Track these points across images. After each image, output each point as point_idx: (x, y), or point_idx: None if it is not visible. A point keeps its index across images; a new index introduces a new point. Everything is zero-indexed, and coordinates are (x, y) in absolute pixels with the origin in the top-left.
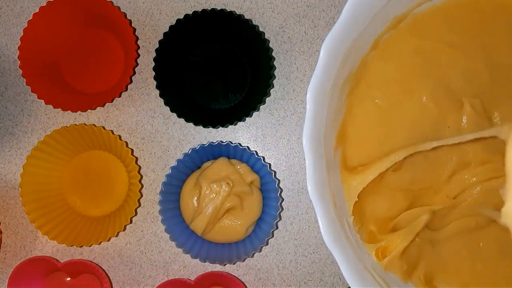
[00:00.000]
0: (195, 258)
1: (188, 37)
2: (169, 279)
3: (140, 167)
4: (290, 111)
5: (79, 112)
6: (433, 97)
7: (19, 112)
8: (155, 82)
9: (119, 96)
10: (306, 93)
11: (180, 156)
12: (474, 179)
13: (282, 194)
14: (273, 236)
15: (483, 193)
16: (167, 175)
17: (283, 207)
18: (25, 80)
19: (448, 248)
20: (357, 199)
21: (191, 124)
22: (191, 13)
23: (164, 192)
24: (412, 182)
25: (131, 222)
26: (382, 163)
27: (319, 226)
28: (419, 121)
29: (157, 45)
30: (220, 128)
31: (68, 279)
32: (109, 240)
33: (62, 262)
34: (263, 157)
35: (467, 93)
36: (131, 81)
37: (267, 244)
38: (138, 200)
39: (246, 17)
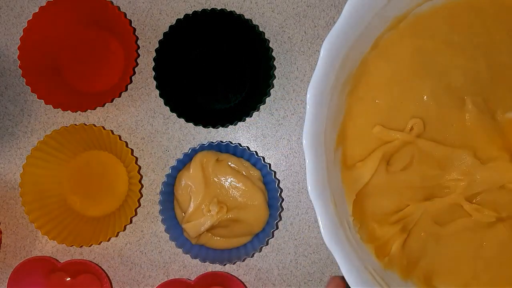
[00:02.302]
0: (195, 258)
1: (188, 37)
2: (169, 279)
3: (140, 167)
4: (290, 111)
5: (79, 112)
6: (434, 96)
7: (19, 112)
8: (155, 82)
9: (119, 96)
10: (306, 93)
11: (180, 156)
12: (483, 176)
13: (282, 194)
14: (273, 236)
15: (491, 191)
16: (167, 175)
17: (283, 207)
18: (25, 80)
19: (451, 245)
20: (355, 197)
21: (191, 124)
22: (191, 13)
23: (164, 192)
24: (423, 179)
25: (131, 222)
26: (379, 151)
27: (319, 226)
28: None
29: (157, 45)
30: (220, 128)
31: (68, 279)
32: (109, 240)
33: (62, 262)
34: (263, 157)
35: (469, 92)
36: (131, 81)
37: (267, 244)
38: (138, 200)
39: (246, 17)
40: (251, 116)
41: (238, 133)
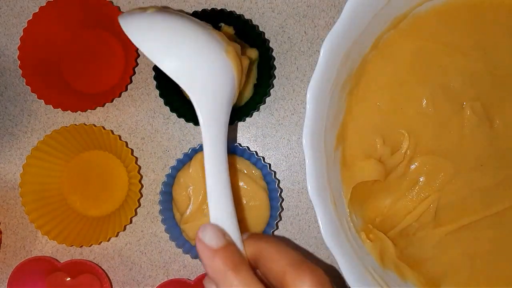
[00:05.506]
0: (195, 258)
1: None
2: (169, 279)
3: (140, 167)
4: (290, 111)
5: (79, 112)
6: (433, 101)
7: (19, 112)
8: (155, 82)
9: (119, 96)
10: (306, 93)
11: (180, 156)
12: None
13: (282, 194)
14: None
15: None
16: (167, 175)
17: (283, 207)
18: (25, 80)
19: (449, 244)
20: (351, 192)
21: (191, 124)
22: (191, 13)
23: (164, 192)
24: (417, 183)
25: (131, 222)
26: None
27: (319, 226)
28: (420, 127)
29: None
30: None
31: (68, 279)
32: (109, 240)
33: (62, 262)
34: (263, 157)
35: (468, 95)
36: (131, 81)
37: None
38: (138, 200)
39: (246, 17)
40: (251, 116)
41: (238, 133)
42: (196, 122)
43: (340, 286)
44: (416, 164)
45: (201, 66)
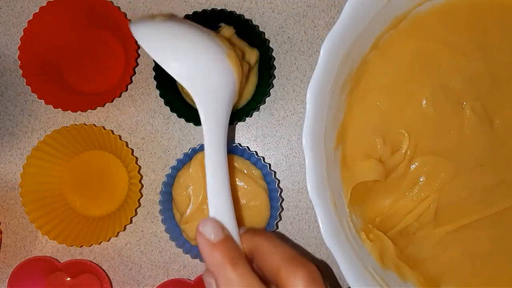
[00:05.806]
0: (195, 258)
1: None
2: (169, 279)
3: (140, 167)
4: (290, 111)
5: (79, 112)
6: (433, 101)
7: (19, 112)
8: (155, 82)
9: (119, 96)
10: (306, 93)
11: (180, 156)
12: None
13: (282, 194)
14: None
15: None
16: (167, 175)
17: (283, 207)
18: (25, 80)
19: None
20: (351, 192)
21: (191, 124)
22: (191, 13)
23: (164, 192)
24: (417, 183)
25: (131, 222)
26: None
27: (319, 226)
28: (420, 127)
29: None
30: None
31: (68, 279)
32: (109, 240)
33: (62, 262)
34: (263, 157)
35: (468, 95)
36: (131, 81)
37: None
38: (138, 200)
39: (246, 17)
40: (251, 116)
41: (238, 133)
42: (196, 122)
43: (334, 284)
44: (416, 164)
45: (204, 69)
